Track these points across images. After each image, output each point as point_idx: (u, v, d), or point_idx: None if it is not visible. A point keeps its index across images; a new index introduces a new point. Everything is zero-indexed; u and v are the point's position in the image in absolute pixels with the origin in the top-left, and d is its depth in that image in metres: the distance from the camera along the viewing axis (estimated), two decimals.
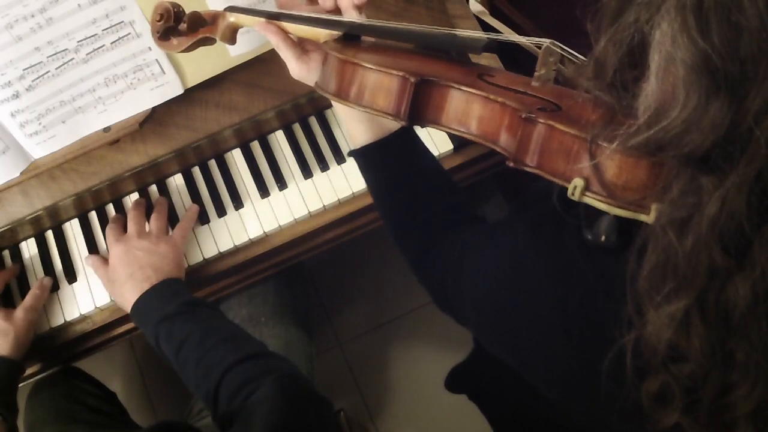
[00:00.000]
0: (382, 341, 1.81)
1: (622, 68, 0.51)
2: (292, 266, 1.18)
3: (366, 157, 0.85)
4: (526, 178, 0.66)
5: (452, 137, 1.12)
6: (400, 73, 0.68)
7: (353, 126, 0.84)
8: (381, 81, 0.70)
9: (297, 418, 0.86)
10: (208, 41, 0.91)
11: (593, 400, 0.63)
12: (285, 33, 0.83)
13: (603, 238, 0.59)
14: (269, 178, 1.14)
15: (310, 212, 1.12)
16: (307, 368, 1.24)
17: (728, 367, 0.50)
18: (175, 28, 0.89)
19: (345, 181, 1.13)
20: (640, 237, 0.52)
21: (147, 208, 1.13)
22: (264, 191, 1.14)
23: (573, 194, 0.57)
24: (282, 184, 1.14)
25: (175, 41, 0.91)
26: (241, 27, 0.88)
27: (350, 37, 0.78)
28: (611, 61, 0.51)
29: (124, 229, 1.09)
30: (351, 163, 1.14)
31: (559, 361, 0.65)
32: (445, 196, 0.86)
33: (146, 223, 1.10)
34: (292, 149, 1.16)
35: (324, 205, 1.12)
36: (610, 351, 0.56)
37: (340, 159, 1.14)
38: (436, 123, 0.70)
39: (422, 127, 0.71)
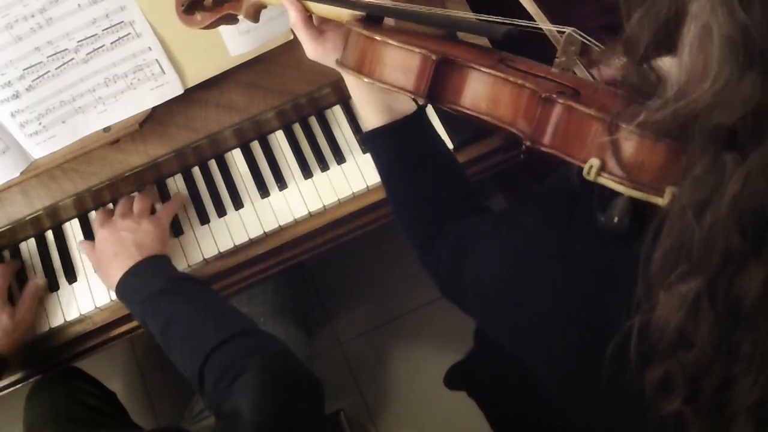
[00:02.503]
0: (382, 341, 1.81)
1: (654, 43, 0.51)
2: (292, 266, 1.18)
3: (379, 139, 0.85)
4: (526, 177, 0.66)
5: (452, 136, 1.12)
6: (423, 51, 0.69)
7: (367, 109, 0.84)
8: (403, 57, 0.70)
9: (283, 404, 0.85)
10: (231, 19, 0.90)
11: (595, 389, 0.62)
12: (306, 12, 0.83)
13: (616, 220, 0.59)
14: (269, 178, 1.14)
15: (310, 212, 1.12)
16: None
17: (733, 357, 0.50)
18: (201, 2, 0.88)
19: (345, 181, 1.13)
20: (655, 219, 0.52)
21: None
22: (264, 191, 1.14)
23: (588, 174, 0.58)
24: (282, 184, 1.14)
25: (198, 16, 0.90)
26: (265, 6, 0.87)
27: (372, 19, 0.78)
28: (644, 35, 0.51)
29: None
30: (351, 163, 1.14)
31: (563, 351, 0.65)
32: (456, 183, 0.86)
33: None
34: (292, 149, 1.16)
35: (324, 205, 1.12)
36: (615, 337, 0.55)
37: (340, 159, 1.14)
38: (454, 103, 0.70)
39: (440, 107, 0.71)
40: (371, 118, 0.84)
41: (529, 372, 0.78)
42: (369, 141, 0.86)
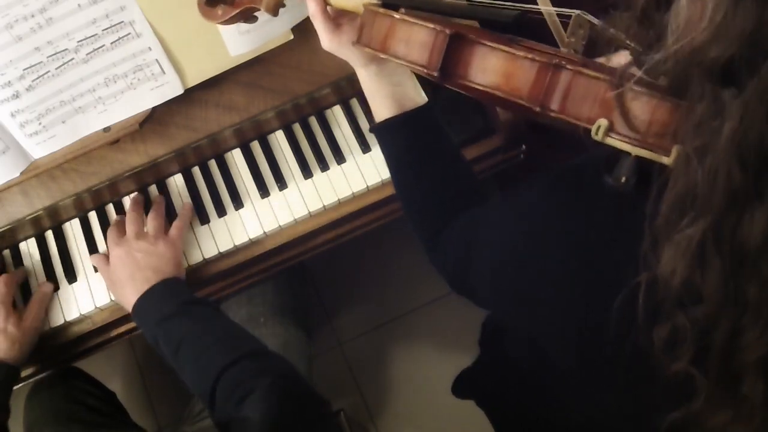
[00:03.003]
0: (382, 341, 1.81)
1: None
2: (292, 266, 1.18)
3: (389, 130, 0.86)
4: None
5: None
6: (437, 26, 0.72)
7: (378, 101, 0.86)
8: (417, 32, 0.73)
9: (292, 422, 0.86)
10: (251, 13, 0.91)
11: (605, 358, 0.62)
12: (324, 4, 0.84)
13: (623, 180, 0.59)
14: (269, 178, 1.14)
15: (310, 212, 1.12)
16: (305, 368, 1.24)
17: (740, 306, 0.50)
18: None
19: (345, 181, 1.13)
20: (661, 176, 0.53)
21: (145, 205, 1.13)
22: (264, 191, 1.14)
23: (597, 134, 0.59)
24: (282, 184, 1.14)
25: (220, 10, 0.91)
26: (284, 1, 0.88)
27: (389, 6, 0.80)
28: None
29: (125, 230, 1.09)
30: (351, 163, 1.14)
31: (574, 317, 0.65)
32: (463, 178, 0.87)
33: (146, 222, 1.10)
34: (292, 149, 1.16)
35: (324, 205, 1.12)
36: (622, 294, 0.56)
37: (340, 159, 1.14)
38: (465, 78, 0.71)
39: (451, 84, 0.73)
40: (382, 111, 0.86)
41: (533, 377, 0.78)
42: (379, 132, 0.87)
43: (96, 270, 1.11)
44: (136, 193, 1.15)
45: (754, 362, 0.51)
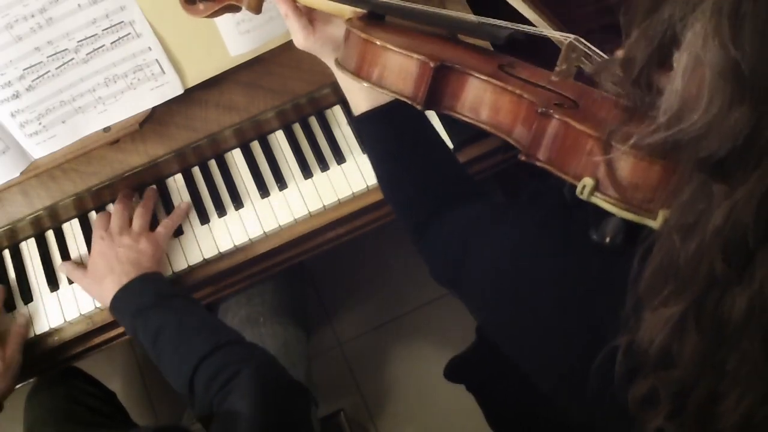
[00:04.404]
0: (382, 341, 1.81)
1: (649, 65, 0.51)
2: (292, 266, 1.18)
3: (372, 121, 0.85)
4: (526, 177, 0.66)
5: (452, 136, 1.12)
6: (421, 57, 0.68)
7: (357, 95, 0.84)
8: (401, 63, 0.70)
9: (277, 409, 0.87)
10: (234, 9, 0.90)
11: (583, 398, 0.63)
12: (294, 1, 0.83)
13: (608, 239, 0.59)
14: (269, 178, 1.14)
15: (310, 212, 1.12)
16: (305, 368, 1.24)
17: (718, 376, 0.50)
18: None
19: (345, 181, 1.13)
20: (646, 240, 0.52)
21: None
22: (264, 191, 1.14)
23: (582, 193, 0.57)
24: (282, 184, 1.14)
25: (201, 6, 0.90)
26: None
27: (375, 16, 0.78)
28: (640, 56, 0.51)
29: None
30: (351, 163, 1.14)
31: (555, 358, 0.65)
32: (449, 164, 0.86)
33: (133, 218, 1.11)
34: (292, 149, 1.16)
35: (324, 205, 1.12)
36: (603, 351, 0.56)
37: (340, 159, 1.14)
38: (451, 109, 0.70)
39: (438, 112, 0.71)
40: (361, 104, 0.84)
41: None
42: (362, 124, 0.86)
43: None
44: (127, 189, 1.14)
45: (731, 426, 0.51)
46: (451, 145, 1.11)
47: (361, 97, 0.84)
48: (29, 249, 1.14)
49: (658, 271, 0.51)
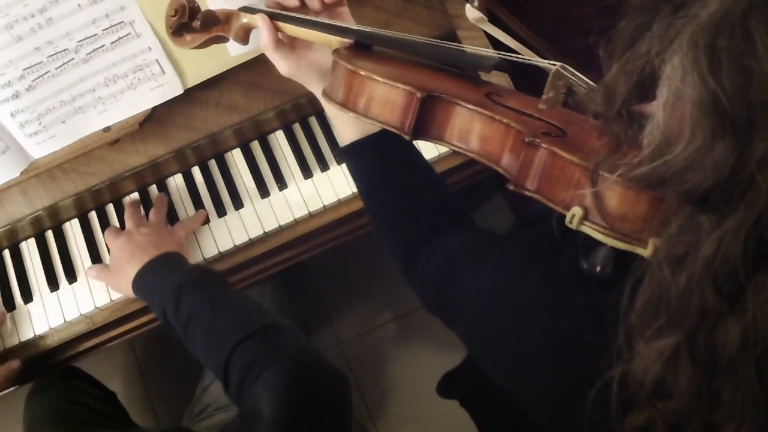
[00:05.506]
0: (382, 341, 1.81)
1: (630, 98, 0.51)
2: (291, 266, 1.18)
3: (358, 151, 0.84)
4: None
5: None
6: (408, 88, 0.68)
7: (344, 125, 0.84)
8: (387, 94, 0.70)
9: (303, 404, 0.84)
10: (221, 40, 0.91)
11: (577, 428, 0.62)
12: (275, 32, 0.83)
13: (598, 268, 0.59)
14: (269, 178, 1.14)
15: (310, 212, 1.12)
16: None
17: (713, 406, 0.50)
18: (189, 24, 0.89)
19: (345, 181, 1.13)
20: (636, 270, 0.52)
21: (146, 207, 1.13)
22: (264, 191, 1.14)
23: (571, 222, 0.57)
24: (282, 184, 1.14)
25: (188, 37, 0.91)
26: (255, 27, 0.88)
27: (361, 45, 0.78)
28: (621, 89, 0.51)
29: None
30: None
31: (546, 388, 0.65)
32: (438, 191, 0.86)
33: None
34: (292, 149, 1.16)
35: (324, 205, 1.12)
36: (597, 382, 0.55)
37: (340, 159, 1.14)
38: (439, 139, 0.70)
39: (426, 141, 0.71)
40: (348, 133, 0.84)
41: None
42: (348, 153, 0.85)
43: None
44: (137, 196, 1.15)
45: None
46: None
47: (349, 126, 0.83)
48: (29, 249, 1.14)
49: (650, 303, 0.51)
